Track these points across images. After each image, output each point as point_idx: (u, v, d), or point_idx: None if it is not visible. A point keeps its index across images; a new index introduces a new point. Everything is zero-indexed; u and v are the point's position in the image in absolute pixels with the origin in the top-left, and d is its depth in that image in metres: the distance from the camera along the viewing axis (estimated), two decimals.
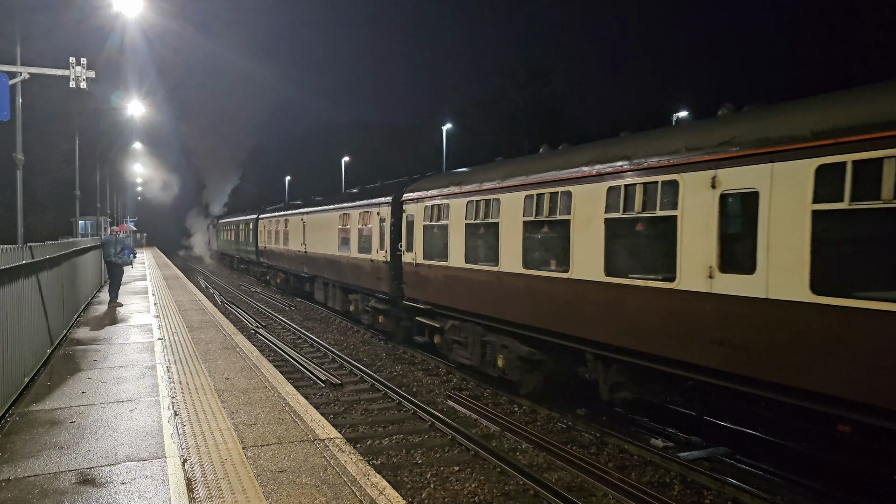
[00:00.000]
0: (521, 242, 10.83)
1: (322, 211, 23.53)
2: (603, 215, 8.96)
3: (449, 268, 13.29)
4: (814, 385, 6.24)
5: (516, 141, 61.71)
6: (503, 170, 11.80)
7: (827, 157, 6.04)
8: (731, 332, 7.03)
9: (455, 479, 8.23)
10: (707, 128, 7.88)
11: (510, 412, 11.09)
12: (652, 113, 47.71)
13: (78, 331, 13.38)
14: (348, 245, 19.86)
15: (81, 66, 15.57)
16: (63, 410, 7.48)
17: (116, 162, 47.18)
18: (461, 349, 13.40)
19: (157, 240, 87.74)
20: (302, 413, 7.50)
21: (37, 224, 36.31)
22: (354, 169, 71.63)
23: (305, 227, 25.73)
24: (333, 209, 21.94)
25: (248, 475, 5.60)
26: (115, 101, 29.16)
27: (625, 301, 8.60)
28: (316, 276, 24.60)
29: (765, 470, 8.19)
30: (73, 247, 14.78)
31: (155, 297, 19.90)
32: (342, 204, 21.17)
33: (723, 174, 7.19)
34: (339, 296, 21.97)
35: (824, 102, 6.61)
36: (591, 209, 9.18)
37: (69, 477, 5.52)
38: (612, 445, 9.35)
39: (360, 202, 19.19)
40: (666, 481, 8.15)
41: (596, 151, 9.53)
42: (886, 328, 5.57)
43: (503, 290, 11.38)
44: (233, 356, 10.84)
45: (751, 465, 8.38)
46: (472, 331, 12.78)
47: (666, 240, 7.88)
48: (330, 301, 23.19)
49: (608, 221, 8.90)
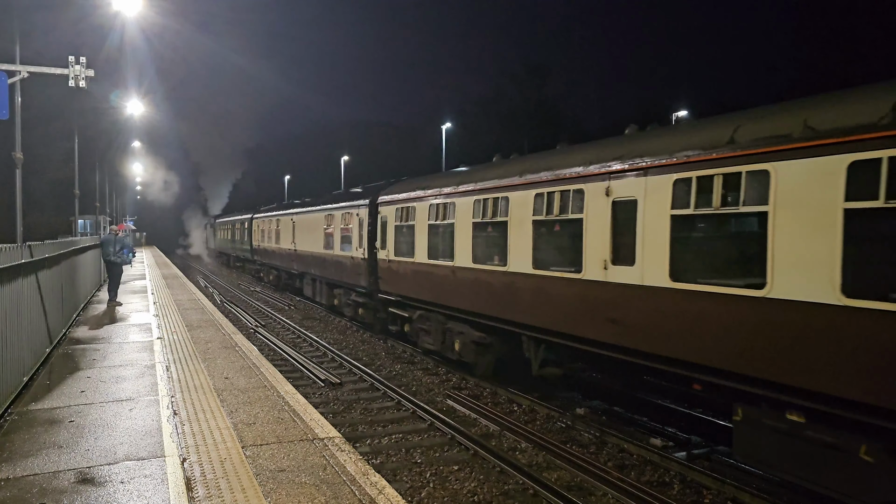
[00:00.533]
0: (471, 241, 12.46)
1: (310, 212, 25.21)
2: (531, 217, 10.57)
3: (415, 263, 14.91)
4: (672, 352, 7.79)
5: (516, 140, 61.65)
6: (458, 178, 13.49)
7: (679, 173, 7.69)
8: (619, 312, 8.58)
9: (454, 479, 8.23)
10: (605, 146, 9.55)
11: (509, 411, 11.09)
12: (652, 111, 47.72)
13: (77, 330, 13.37)
14: (332, 243, 21.47)
15: (80, 65, 15.58)
16: (62, 409, 7.47)
17: (116, 161, 47.17)
18: (426, 336, 14.92)
19: (156, 239, 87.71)
20: (301, 412, 7.50)
21: (36, 223, 36.31)
22: (354, 168, 71.66)
23: (295, 227, 27.41)
24: (319, 210, 23.58)
25: (247, 474, 5.59)
26: (114, 100, 29.16)
27: (547, 289, 10.24)
28: (305, 272, 26.24)
29: (764, 469, 8.18)
30: (72, 246, 14.77)
31: (154, 296, 19.90)
32: (327, 205, 22.72)
33: (614, 185, 8.79)
34: (325, 291, 23.65)
35: (683, 130, 8.42)
36: (523, 212, 10.81)
37: (68, 476, 5.51)
38: (611, 445, 9.36)
39: (343, 204, 20.82)
40: (665, 480, 8.16)
41: (525, 164, 11.28)
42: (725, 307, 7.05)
43: (458, 282, 12.95)
44: (232, 355, 10.83)
45: None
46: (435, 319, 14.36)
47: (576, 237, 9.49)
48: (317, 296, 24.88)
49: (535, 223, 10.51)
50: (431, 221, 14.07)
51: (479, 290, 12.14)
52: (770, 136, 6.74)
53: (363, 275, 18.47)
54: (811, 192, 6.27)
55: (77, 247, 15.89)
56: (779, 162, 6.58)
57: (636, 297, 8.32)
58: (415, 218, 14.94)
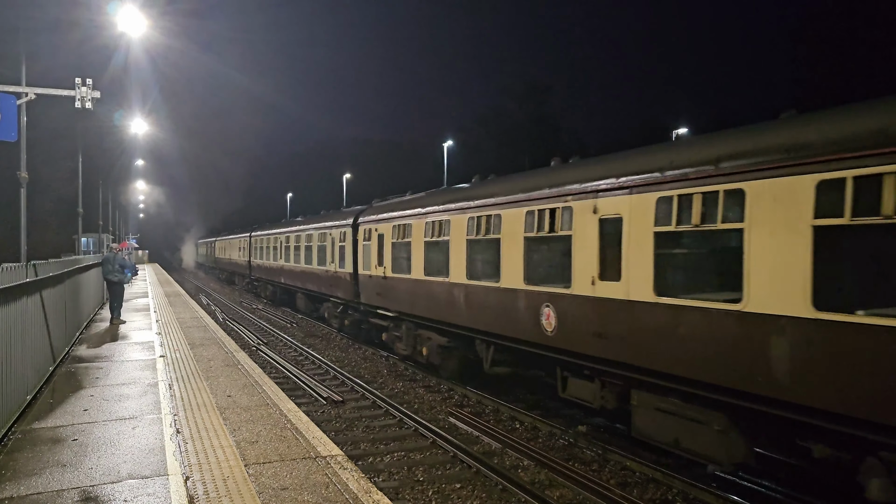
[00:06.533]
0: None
1: (300, 231, 27.14)
2: (465, 237, 12.48)
3: (387, 277, 16.47)
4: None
5: (516, 156, 61.94)
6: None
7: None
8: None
9: (457, 497, 8.22)
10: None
11: (511, 429, 11.08)
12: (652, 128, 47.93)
13: (80, 348, 13.40)
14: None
15: (87, 87, 15.73)
16: (65, 428, 7.49)
17: (119, 180, 47.41)
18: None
19: (158, 257, 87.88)
20: (304, 430, 7.51)
21: (40, 241, 36.42)
22: (356, 185, 71.92)
23: (287, 245, 29.22)
24: (308, 229, 25.53)
25: (250, 493, 5.61)
26: (118, 119, 29.39)
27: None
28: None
29: (767, 487, 8.17)
30: (75, 264, 14.84)
31: (157, 314, 19.93)
32: (315, 225, 24.74)
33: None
34: (315, 303, 25.89)
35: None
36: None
37: (72, 495, 5.53)
38: (613, 462, 9.33)
39: (329, 223, 22.85)
40: (668, 498, 8.13)
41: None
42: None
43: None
44: (234, 373, 10.85)
45: (753, 481, 8.36)
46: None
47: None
48: (308, 308, 27.21)
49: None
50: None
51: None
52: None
53: (348, 289, 20.07)
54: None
55: (80, 265, 15.96)
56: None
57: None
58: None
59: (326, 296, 23.20)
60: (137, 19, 16.07)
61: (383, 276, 16.56)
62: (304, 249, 25.83)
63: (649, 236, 8.02)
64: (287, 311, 30.50)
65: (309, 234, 25.35)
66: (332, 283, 21.97)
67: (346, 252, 20.17)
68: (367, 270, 18.04)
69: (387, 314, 16.85)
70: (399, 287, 15.68)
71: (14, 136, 13.21)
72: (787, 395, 6.43)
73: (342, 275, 20.62)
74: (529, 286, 10.52)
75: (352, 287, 19.58)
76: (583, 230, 9.22)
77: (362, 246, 18.57)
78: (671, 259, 8.12)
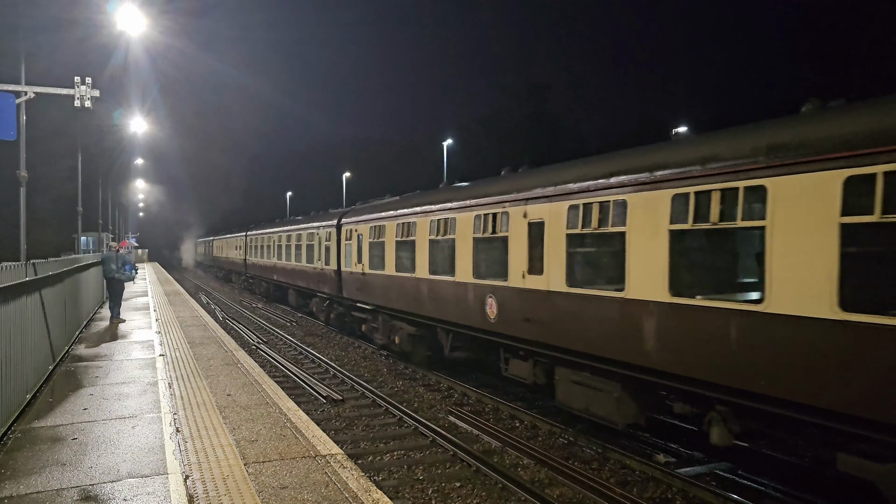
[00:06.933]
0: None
1: (292, 231, 28.31)
2: (428, 237, 13.99)
3: (365, 273, 17.94)
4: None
5: (517, 156, 61.87)
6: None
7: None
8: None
9: (456, 496, 8.22)
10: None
11: (511, 427, 11.08)
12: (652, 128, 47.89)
13: (80, 347, 13.40)
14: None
15: (86, 86, 15.71)
16: (65, 427, 7.49)
17: (119, 179, 47.39)
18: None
19: (158, 255, 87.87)
20: (303, 429, 7.52)
21: (39, 240, 36.40)
22: (356, 184, 71.85)
23: (279, 244, 30.65)
24: (301, 229, 26.64)
25: (249, 491, 5.61)
26: (117, 118, 29.37)
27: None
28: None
29: (766, 485, 8.18)
30: (75, 263, 14.83)
31: (156, 312, 19.93)
32: (305, 225, 26.13)
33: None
34: (304, 298, 27.50)
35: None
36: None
37: (72, 494, 5.53)
38: (613, 461, 9.34)
39: (318, 223, 24.06)
40: (668, 497, 8.14)
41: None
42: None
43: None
44: (234, 372, 10.85)
45: (753, 480, 8.37)
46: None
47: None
48: (298, 303, 28.69)
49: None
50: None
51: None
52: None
53: (333, 285, 21.44)
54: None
55: (80, 264, 15.95)
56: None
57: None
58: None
59: (314, 291, 24.66)
60: (137, 18, 16.07)
61: (362, 272, 18.06)
62: (295, 248, 27.23)
63: (563, 237, 9.68)
64: (286, 309, 30.52)
65: (299, 233, 26.68)
66: (320, 279, 23.33)
67: (331, 251, 21.56)
68: (348, 267, 19.58)
69: (365, 307, 18.30)
70: (375, 282, 17.18)
71: (13, 135, 13.18)
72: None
73: (328, 272, 21.94)
74: (477, 280, 12.15)
75: (336, 283, 20.94)
76: (516, 232, 10.85)
77: (345, 245, 20.10)
78: (579, 256, 9.85)
